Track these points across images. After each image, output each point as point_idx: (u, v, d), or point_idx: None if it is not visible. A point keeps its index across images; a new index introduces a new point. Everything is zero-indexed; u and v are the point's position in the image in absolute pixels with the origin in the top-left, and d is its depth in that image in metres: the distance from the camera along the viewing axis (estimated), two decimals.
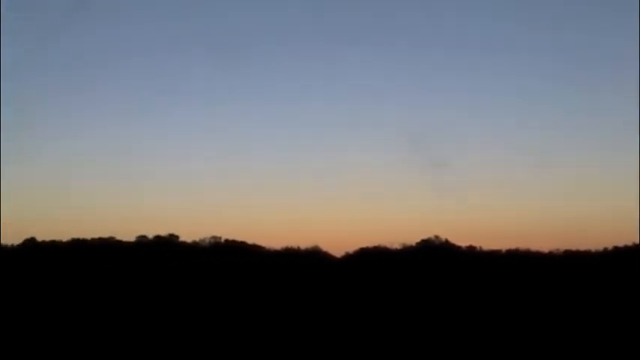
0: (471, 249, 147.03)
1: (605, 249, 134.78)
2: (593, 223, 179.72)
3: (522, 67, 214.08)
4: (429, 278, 55.61)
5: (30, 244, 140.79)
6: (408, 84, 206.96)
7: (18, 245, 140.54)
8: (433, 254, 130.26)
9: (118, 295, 35.80)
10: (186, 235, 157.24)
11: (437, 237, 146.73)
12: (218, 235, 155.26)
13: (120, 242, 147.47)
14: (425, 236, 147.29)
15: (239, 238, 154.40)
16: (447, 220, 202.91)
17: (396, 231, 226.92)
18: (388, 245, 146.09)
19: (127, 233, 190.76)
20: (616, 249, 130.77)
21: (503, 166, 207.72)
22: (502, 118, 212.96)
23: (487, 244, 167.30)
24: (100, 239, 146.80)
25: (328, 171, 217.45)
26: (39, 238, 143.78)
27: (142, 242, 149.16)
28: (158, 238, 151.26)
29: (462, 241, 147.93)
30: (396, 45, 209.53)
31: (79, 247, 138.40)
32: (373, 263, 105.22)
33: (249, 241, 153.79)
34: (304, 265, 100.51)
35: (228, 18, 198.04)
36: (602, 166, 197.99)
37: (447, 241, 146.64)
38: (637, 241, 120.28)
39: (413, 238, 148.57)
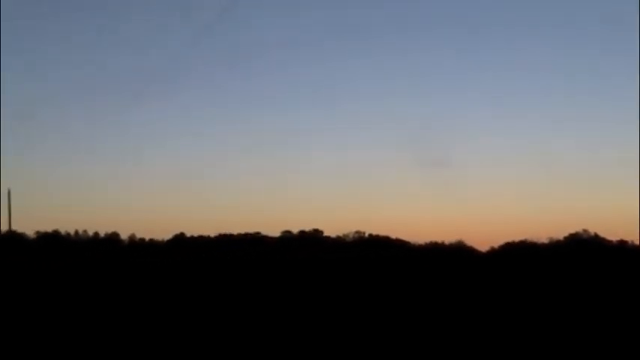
0: (622, 243, 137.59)
1: None
2: None
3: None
4: (578, 274, 50.99)
5: (179, 239, 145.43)
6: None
7: (168, 240, 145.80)
8: (582, 249, 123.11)
9: (258, 288, 34.42)
10: (331, 230, 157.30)
11: (585, 231, 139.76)
12: (362, 229, 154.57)
13: (265, 237, 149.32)
14: (573, 230, 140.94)
15: (383, 232, 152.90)
16: (595, 213, 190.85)
17: (542, 225, 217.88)
18: (535, 239, 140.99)
19: (272, 228, 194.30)
20: None
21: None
22: None
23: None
24: (246, 234, 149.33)
25: (472, 165, 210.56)
26: (188, 234, 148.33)
27: (287, 237, 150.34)
28: (302, 233, 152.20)
29: (612, 235, 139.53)
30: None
31: (225, 242, 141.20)
32: (519, 258, 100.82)
33: (393, 235, 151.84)
34: (449, 259, 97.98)
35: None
36: None
37: (596, 235, 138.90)
38: None
39: (560, 232, 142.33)
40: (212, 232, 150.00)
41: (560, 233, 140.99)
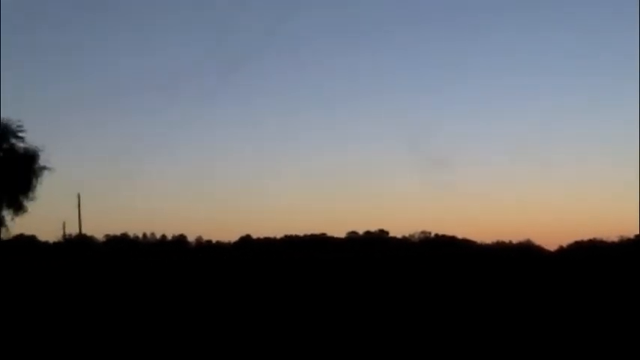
0: None
1: None
2: None
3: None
4: None
5: (246, 241, 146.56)
6: None
7: (235, 242, 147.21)
8: None
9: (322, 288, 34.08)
10: (396, 231, 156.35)
11: None
12: (428, 230, 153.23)
13: (331, 238, 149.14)
14: None
15: (449, 232, 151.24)
16: None
17: (612, 223, 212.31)
18: (605, 238, 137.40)
19: (338, 230, 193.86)
20: None
21: None
22: None
23: None
24: (312, 235, 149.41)
25: (540, 163, 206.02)
26: (254, 236, 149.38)
27: (353, 238, 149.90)
28: (368, 233, 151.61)
29: None
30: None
31: (291, 243, 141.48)
32: (589, 257, 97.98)
33: (460, 235, 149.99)
34: (516, 258, 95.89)
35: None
36: None
37: None
38: None
39: (631, 231, 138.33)
40: (278, 234, 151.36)
41: (631, 231, 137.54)
